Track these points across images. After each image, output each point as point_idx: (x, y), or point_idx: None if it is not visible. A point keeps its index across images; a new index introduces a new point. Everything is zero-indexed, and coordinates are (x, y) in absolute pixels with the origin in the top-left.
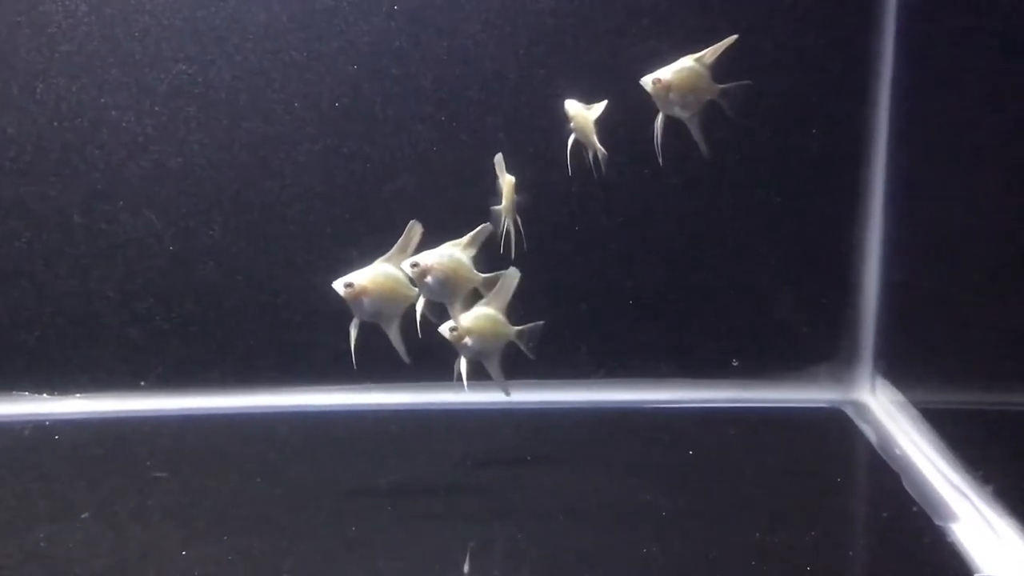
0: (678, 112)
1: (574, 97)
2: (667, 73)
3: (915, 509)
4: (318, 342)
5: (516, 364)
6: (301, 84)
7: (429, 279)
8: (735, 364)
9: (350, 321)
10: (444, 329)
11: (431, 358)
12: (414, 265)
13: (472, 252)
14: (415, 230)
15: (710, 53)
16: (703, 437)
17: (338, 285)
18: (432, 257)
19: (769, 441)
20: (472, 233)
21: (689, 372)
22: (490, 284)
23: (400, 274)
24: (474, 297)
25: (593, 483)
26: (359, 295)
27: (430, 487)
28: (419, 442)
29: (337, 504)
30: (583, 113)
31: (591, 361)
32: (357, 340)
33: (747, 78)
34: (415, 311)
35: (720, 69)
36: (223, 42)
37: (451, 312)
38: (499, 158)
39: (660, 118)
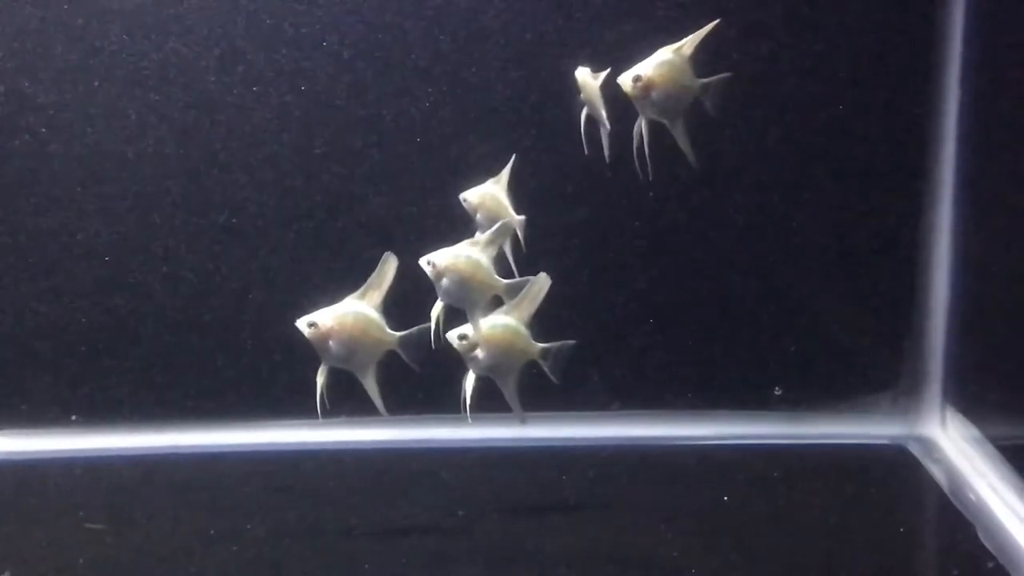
0: (658, 114)
1: (588, 66)
2: (647, 68)
3: (991, 565)
4: (278, 371)
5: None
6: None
7: (445, 281)
8: (778, 393)
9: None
10: (452, 337)
11: (414, 388)
12: (429, 263)
13: (492, 252)
14: (389, 264)
15: (690, 42)
16: (738, 481)
17: (301, 324)
18: (447, 256)
19: (818, 485)
20: (491, 231)
21: (722, 403)
22: (513, 291)
23: (374, 314)
24: (496, 307)
25: (608, 536)
26: (325, 337)
27: (413, 541)
28: (401, 487)
29: (304, 563)
30: (591, 83)
31: (604, 391)
32: (324, 387)
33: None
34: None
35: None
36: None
37: (471, 322)
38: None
39: (641, 123)
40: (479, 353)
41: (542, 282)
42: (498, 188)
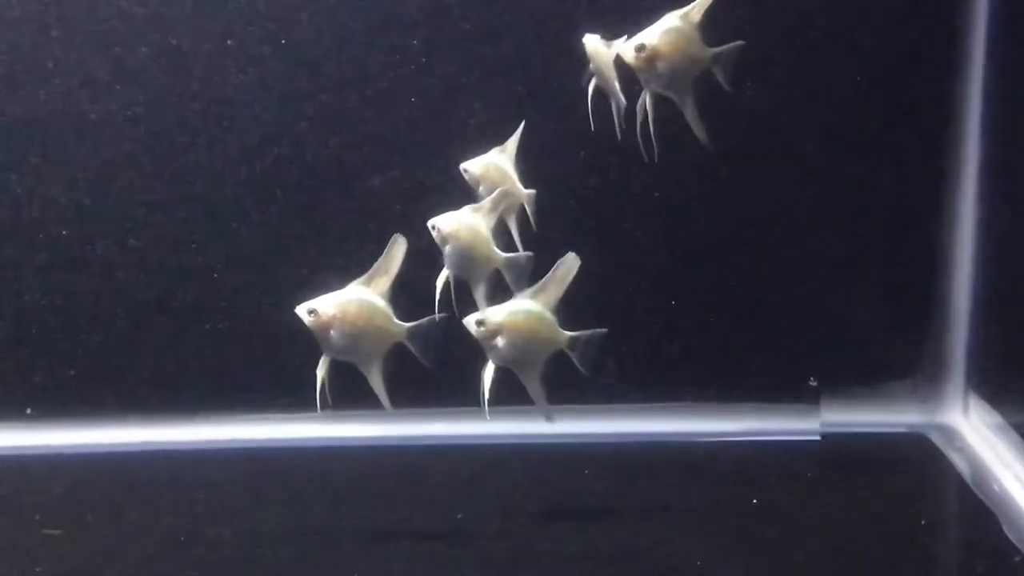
0: (664, 88)
1: (598, 32)
2: (652, 37)
3: (1018, 560)
4: (255, 360)
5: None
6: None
7: (448, 248)
8: (813, 384)
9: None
10: (469, 323)
11: (408, 378)
12: (433, 227)
13: (490, 222)
14: (398, 246)
15: (699, 7)
16: (756, 474)
17: (301, 311)
18: (450, 221)
19: (837, 476)
20: (490, 198)
21: (739, 395)
22: (513, 267)
23: (380, 303)
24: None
25: (622, 541)
26: (326, 326)
27: (404, 547)
28: (393, 487)
29: (278, 573)
30: (603, 51)
31: (620, 382)
32: (325, 381)
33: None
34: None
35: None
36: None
37: (476, 295)
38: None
39: (646, 98)
40: (499, 341)
41: (570, 262)
42: (504, 158)
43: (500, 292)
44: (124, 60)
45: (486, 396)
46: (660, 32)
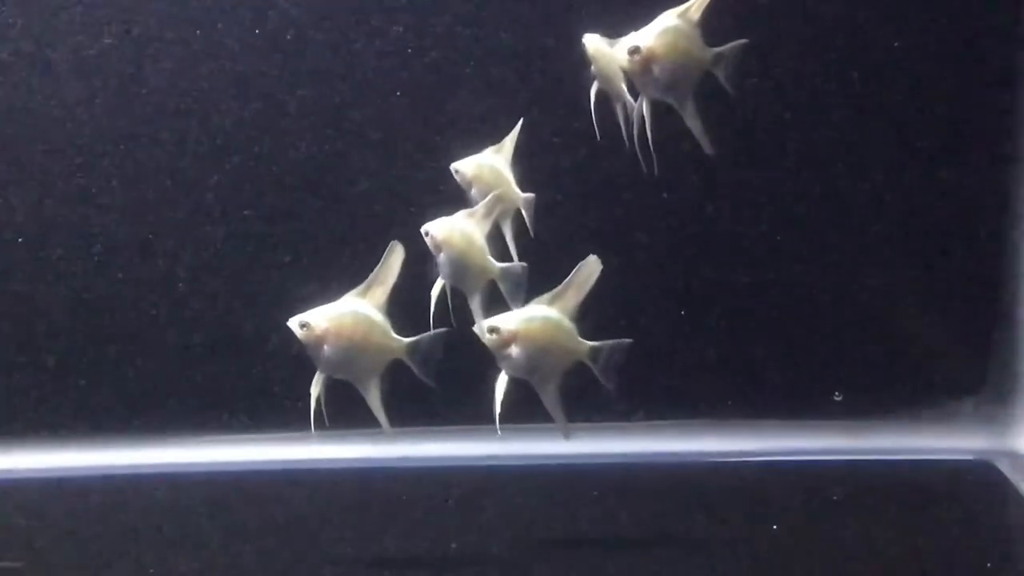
0: (662, 93)
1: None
2: (647, 38)
3: None
4: (228, 377)
5: (522, 402)
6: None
7: (442, 256)
8: (838, 399)
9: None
10: (481, 329)
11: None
12: (426, 234)
13: (485, 228)
14: (396, 255)
15: (697, 4)
16: (791, 504)
17: (293, 324)
18: (443, 227)
19: (886, 510)
20: (484, 202)
21: (767, 412)
22: (509, 277)
23: (377, 316)
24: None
25: (634, 568)
26: (319, 341)
27: None
28: (385, 512)
29: None
30: (606, 52)
31: (626, 398)
32: (320, 400)
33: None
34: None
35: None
36: None
37: (471, 306)
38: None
39: (642, 104)
40: (513, 350)
41: (591, 266)
42: (500, 159)
43: (495, 304)
44: (89, 54)
45: (497, 410)
46: (656, 33)
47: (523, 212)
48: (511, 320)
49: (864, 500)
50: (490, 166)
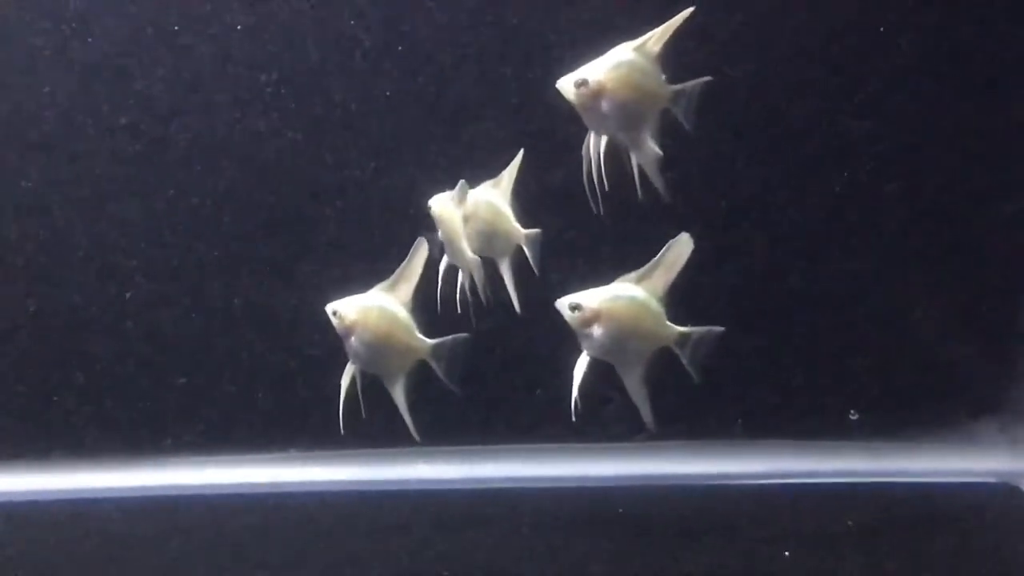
0: (613, 130)
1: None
2: (597, 72)
3: None
4: (199, 394)
5: (514, 421)
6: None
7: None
8: (853, 417)
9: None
10: (562, 306)
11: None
12: (429, 209)
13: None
14: (421, 251)
15: (656, 37)
16: (803, 529)
17: (329, 310)
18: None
19: (906, 535)
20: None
21: (777, 432)
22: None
23: (402, 313)
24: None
25: None
26: (348, 331)
27: None
28: (366, 539)
29: None
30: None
31: (625, 417)
32: (349, 396)
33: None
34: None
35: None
36: None
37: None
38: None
39: (591, 142)
40: (596, 330)
41: (683, 244)
42: (498, 194)
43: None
44: (89, 54)
45: (575, 394)
46: (608, 67)
47: (526, 251)
48: (594, 298)
49: (881, 526)
50: (488, 203)
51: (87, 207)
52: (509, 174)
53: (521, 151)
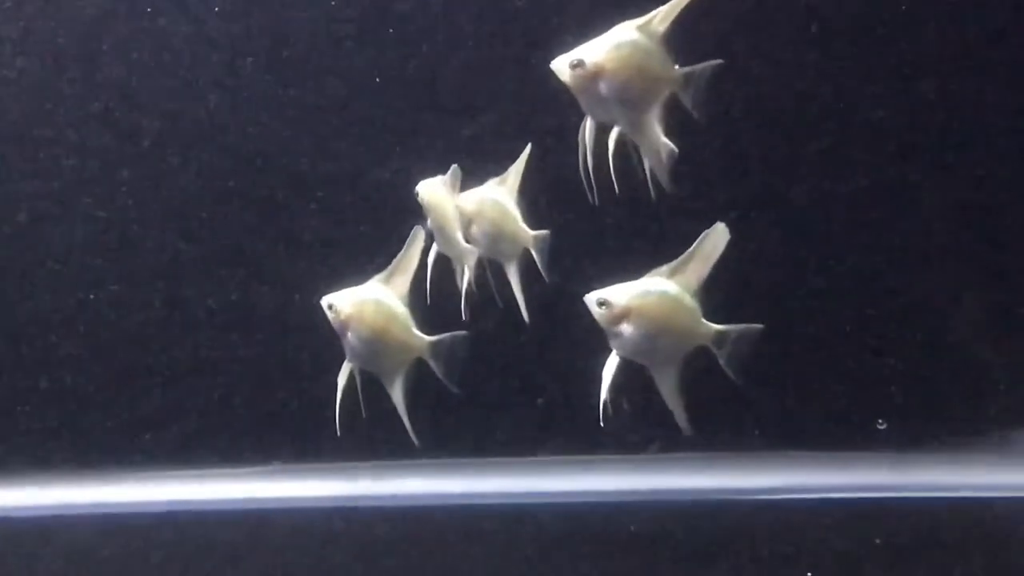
0: (611, 115)
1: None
2: (595, 52)
3: None
4: (167, 401)
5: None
6: None
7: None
8: (881, 427)
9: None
10: (591, 301)
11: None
12: (418, 196)
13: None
14: (418, 240)
15: (663, 16)
16: (826, 546)
17: (324, 303)
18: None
19: (935, 555)
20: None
21: (799, 443)
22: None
23: (399, 308)
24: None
25: None
26: (343, 326)
27: None
28: (351, 559)
29: None
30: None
31: (638, 428)
32: (345, 394)
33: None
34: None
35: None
36: None
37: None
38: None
39: (587, 126)
40: (625, 328)
41: (719, 235)
42: (504, 192)
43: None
44: (90, 52)
45: (604, 396)
46: (608, 47)
47: (534, 254)
48: (623, 293)
49: (909, 544)
50: (493, 201)
51: (51, 202)
52: (516, 171)
53: (529, 145)
